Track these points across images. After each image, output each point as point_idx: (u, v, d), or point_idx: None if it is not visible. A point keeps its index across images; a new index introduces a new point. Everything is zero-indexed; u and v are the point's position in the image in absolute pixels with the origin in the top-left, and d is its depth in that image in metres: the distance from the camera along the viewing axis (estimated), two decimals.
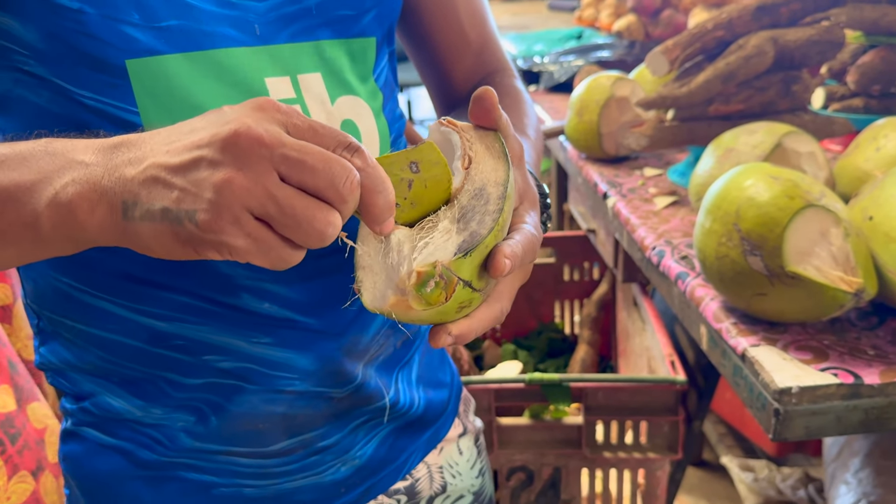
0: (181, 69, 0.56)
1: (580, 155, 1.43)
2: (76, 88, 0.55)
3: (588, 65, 1.92)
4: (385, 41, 0.69)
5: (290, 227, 0.42)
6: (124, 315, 0.61)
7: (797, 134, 0.95)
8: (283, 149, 0.41)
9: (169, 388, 0.64)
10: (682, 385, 1.16)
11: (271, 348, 0.63)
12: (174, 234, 0.42)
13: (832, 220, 0.73)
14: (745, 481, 1.80)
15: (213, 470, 0.66)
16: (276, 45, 0.61)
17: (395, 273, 0.47)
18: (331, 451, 0.69)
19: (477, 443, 0.84)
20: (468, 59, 0.81)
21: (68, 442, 0.69)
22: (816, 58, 1.11)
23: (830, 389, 0.70)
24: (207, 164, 0.41)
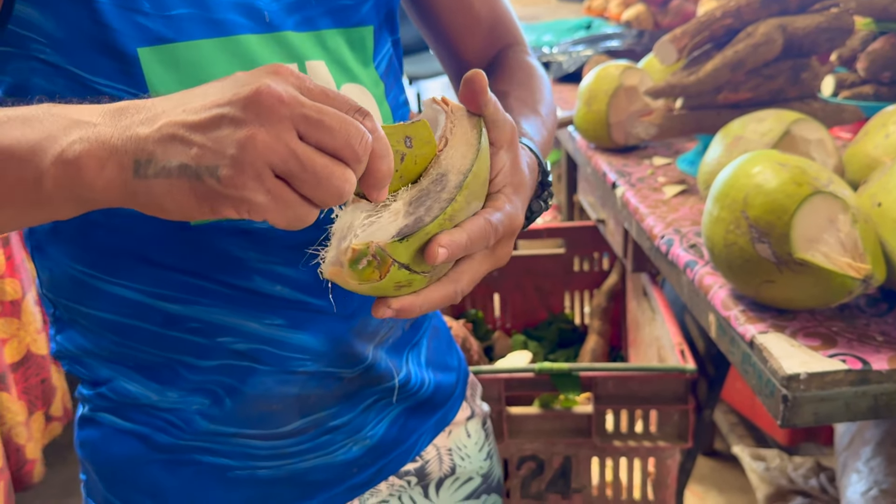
0: (192, 56, 0.58)
1: (589, 145, 1.43)
2: (91, 76, 0.56)
3: (597, 55, 1.91)
4: (385, 29, 0.70)
5: (310, 184, 0.42)
6: (139, 299, 0.62)
7: (806, 121, 0.95)
8: (303, 108, 0.42)
9: (184, 370, 0.64)
10: (691, 374, 1.16)
11: (284, 330, 0.64)
12: (192, 190, 0.42)
13: (840, 207, 0.73)
14: (756, 470, 1.80)
15: (227, 453, 0.67)
16: (283, 31, 0.62)
17: (335, 238, 0.48)
18: (342, 430, 0.69)
19: (484, 426, 0.85)
20: (478, 36, 0.81)
21: (85, 428, 0.70)
22: (826, 45, 1.11)
23: (839, 376, 0.70)
24: (229, 121, 0.42)
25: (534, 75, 0.77)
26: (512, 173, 0.55)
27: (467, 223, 0.50)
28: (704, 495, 1.98)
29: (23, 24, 0.55)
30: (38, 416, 2.08)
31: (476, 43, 0.81)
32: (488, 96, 0.52)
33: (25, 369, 2.03)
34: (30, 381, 2.05)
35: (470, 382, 0.87)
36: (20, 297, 1.99)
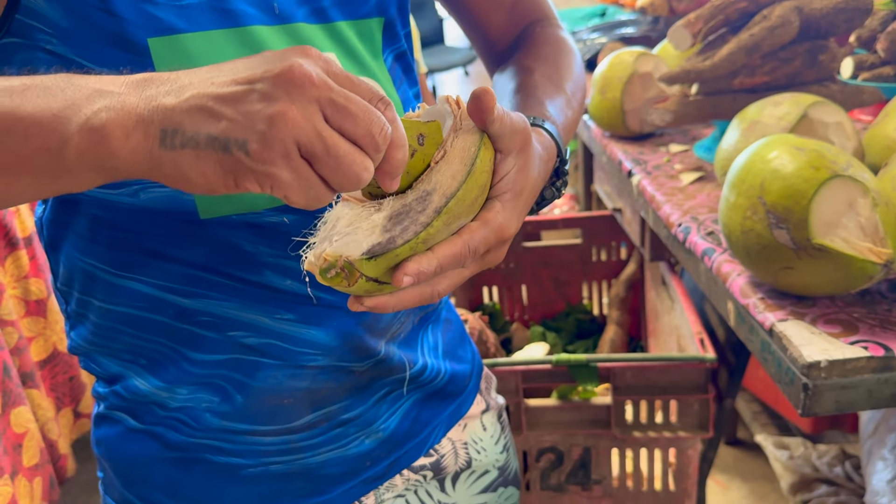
0: (202, 47, 0.57)
1: (604, 133, 1.41)
2: (99, 67, 0.55)
3: (611, 42, 1.89)
4: (397, 21, 0.69)
5: (331, 168, 0.43)
6: (150, 293, 0.62)
7: (823, 104, 0.93)
8: (332, 93, 0.42)
9: (193, 366, 0.64)
10: (711, 363, 1.15)
11: (294, 324, 0.64)
12: (219, 162, 0.42)
13: (859, 191, 0.71)
14: (780, 459, 1.78)
15: (239, 452, 0.67)
16: (294, 23, 0.61)
17: (318, 245, 0.49)
18: (354, 423, 0.69)
19: (500, 419, 0.84)
20: (502, 14, 0.80)
21: (101, 426, 0.70)
22: (844, 26, 1.09)
23: (861, 363, 0.68)
24: (260, 96, 0.42)
25: (562, 49, 0.76)
26: (516, 179, 0.54)
27: (440, 247, 0.50)
28: (728, 484, 1.97)
29: (29, 13, 0.54)
30: (66, 413, 2.10)
31: (500, 19, 0.80)
32: (494, 115, 0.51)
33: (52, 367, 2.05)
34: (57, 379, 2.07)
35: (484, 376, 0.86)
36: (45, 296, 2.01)
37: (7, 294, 1.89)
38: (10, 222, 1.89)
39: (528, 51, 0.75)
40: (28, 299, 1.97)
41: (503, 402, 0.87)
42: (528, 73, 0.70)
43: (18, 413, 1.84)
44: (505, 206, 0.53)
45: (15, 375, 1.82)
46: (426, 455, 0.76)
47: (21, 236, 1.92)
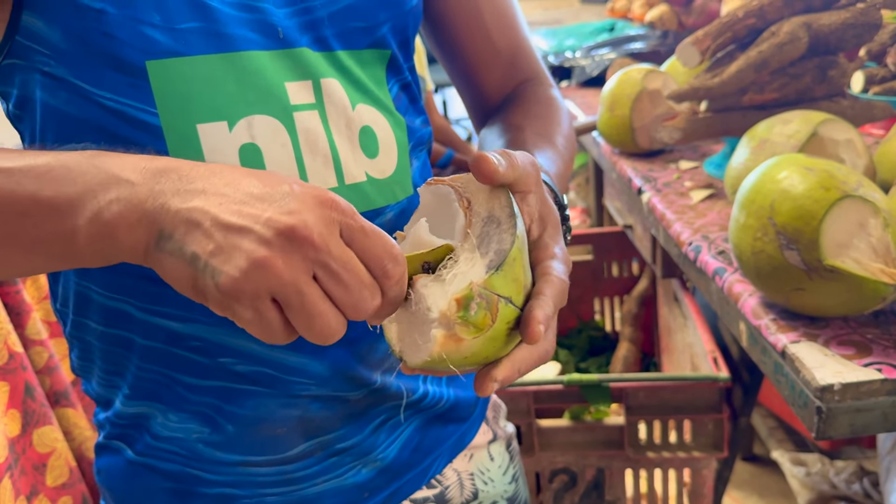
0: (200, 71, 0.57)
1: (613, 150, 1.41)
2: (96, 89, 0.56)
3: (620, 57, 1.89)
4: (399, 56, 0.69)
5: (302, 321, 0.43)
6: (142, 317, 0.62)
7: (833, 121, 0.92)
8: (328, 257, 0.43)
9: (185, 391, 0.64)
10: (725, 382, 1.14)
11: (285, 353, 0.63)
12: (192, 280, 0.43)
13: (870, 211, 0.70)
14: (797, 476, 1.76)
15: (233, 483, 0.66)
16: (298, 48, 0.61)
17: (431, 314, 0.47)
18: (350, 452, 0.68)
19: (509, 448, 0.83)
20: (498, 68, 0.80)
21: (102, 455, 0.70)
22: (853, 41, 1.08)
23: (875, 385, 0.67)
24: (255, 237, 0.42)
25: (553, 108, 0.77)
26: (543, 211, 0.54)
27: (545, 287, 0.50)
28: (745, 501, 1.95)
29: (29, 35, 0.55)
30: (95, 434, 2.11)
31: (495, 75, 0.80)
32: (501, 170, 0.50)
33: (79, 388, 2.06)
34: (85, 400, 2.08)
35: (492, 404, 0.85)
36: None
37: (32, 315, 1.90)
38: None
39: (519, 109, 0.75)
40: (50, 321, 1.99)
41: (513, 430, 0.86)
42: (519, 131, 0.70)
43: (42, 433, 1.84)
44: (553, 238, 0.53)
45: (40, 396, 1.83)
46: (429, 486, 0.75)
47: None
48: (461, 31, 0.79)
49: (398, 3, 0.68)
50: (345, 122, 0.63)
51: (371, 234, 0.45)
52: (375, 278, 0.45)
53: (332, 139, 0.62)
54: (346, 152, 0.63)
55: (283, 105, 0.60)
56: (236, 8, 0.59)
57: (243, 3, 0.59)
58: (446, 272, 0.48)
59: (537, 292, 0.49)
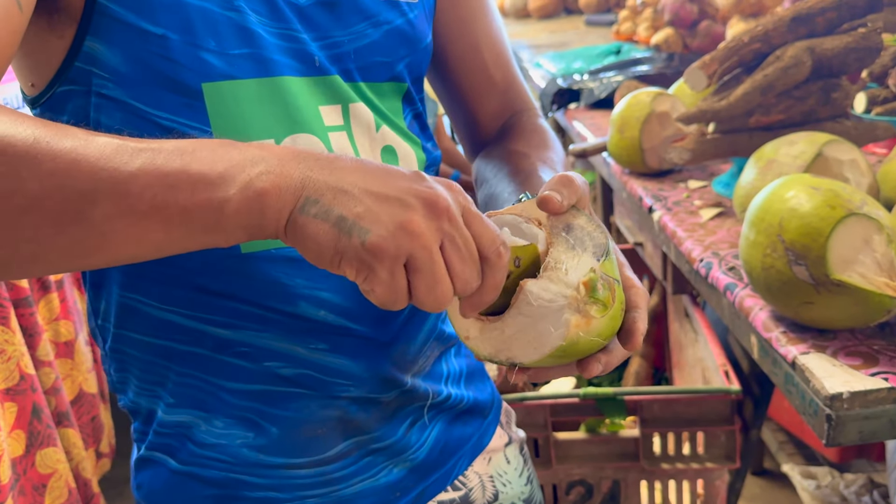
0: (249, 93, 0.62)
1: (623, 170, 1.45)
2: (153, 109, 0.60)
3: (628, 80, 1.94)
4: (413, 88, 0.75)
5: (427, 285, 0.48)
6: (190, 325, 0.66)
7: (838, 142, 0.96)
8: (458, 231, 0.48)
9: (230, 396, 0.67)
10: (736, 394, 1.17)
11: (327, 354, 0.67)
12: (335, 241, 0.47)
13: (875, 228, 0.74)
14: (807, 489, 1.79)
15: (275, 486, 0.69)
16: (330, 76, 0.67)
17: (555, 305, 0.52)
18: (384, 452, 0.72)
19: (522, 452, 0.87)
20: (494, 99, 0.85)
21: (142, 469, 0.73)
22: (855, 64, 1.12)
23: (882, 394, 0.71)
24: (401, 203, 0.47)
25: (547, 138, 0.82)
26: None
27: (639, 300, 0.57)
28: None
29: (88, 59, 0.59)
30: (90, 453, 2.14)
31: (491, 106, 0.85)
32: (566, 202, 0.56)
33: (79, 407, 2.09)
34: (83, 420, 2.11)
35: (504, 410, 0.89)
36: (73, 337, 2.06)
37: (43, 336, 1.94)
38: None
39: (520, 138, 0.80)
40: (58, 341, 2.02)
41: (524, 435, 0.90)
42: (525, 158, 0.75)
43: (45, 454, 1.87)
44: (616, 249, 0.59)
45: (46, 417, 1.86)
46: (454, 488, 0.79)
47: (53, 279, 1.98)
48: (460, 64, 0.84)
49: (415, 41, 0.74)
50: (369, 142, 0.69)
51: (486, 221, 0.50)
52: (485, 259, 0.50)
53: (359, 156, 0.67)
54: None
55: (319, 125, 0.66)
56: (278, 37, 0.64)
57: (284, 33, 0.64)
58: (553, 270, 0.53)
59: (634, 305, 0.56)
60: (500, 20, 0.88)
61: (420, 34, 0.74)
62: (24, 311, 1.86)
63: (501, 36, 0.86)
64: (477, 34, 0.83)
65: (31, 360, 1.84)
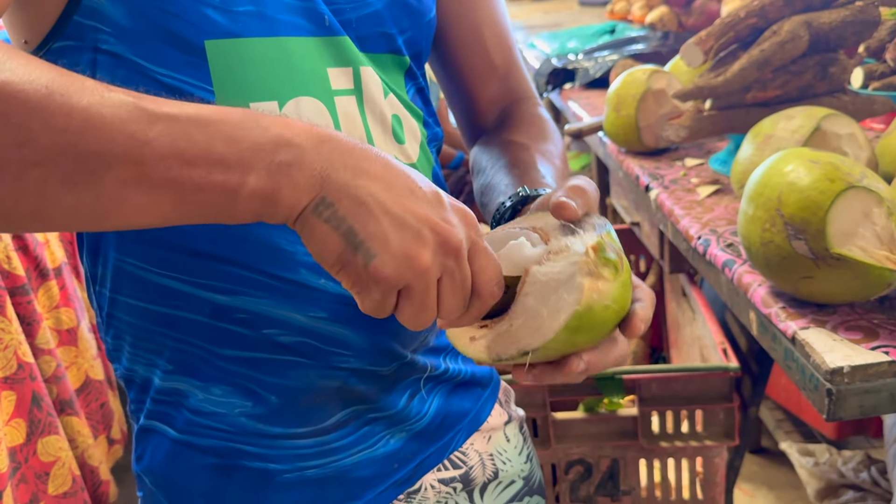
0: (253, 53, 0.61)
1: (620, 149, 1.44)
2: (154, 66, 0.58)
3: (623, 59, 1.93)
4: (414, 63, 0.74)
5: (411, 311, 0.49)
6: (188, 291, 0.65)
7: (836, 116, 0.95)
8: (459, 268, 0.49)
9: (227, 363, 0.67)
10: (735, 372, 1.17)
11: (327, 323, 0.66)
12: (340, 251, 0.47)
13: (874, 200, 0.73)
14: (805, 466, 1.79)
15: (274, 457, 0.69)
16: (341, 37, 0.65)
17: (566, 272, 0.51)
18: (381, 421, 0.72)
19: (522, 430, 0.87)
20: (494, 84, 0.84)
21: (142, 440, 0.72)
22: (852, 38, 1.11)
23: (882, 367, 0.70)
24: (415, 235, 0.47)
25: (546, 129, 0.81)
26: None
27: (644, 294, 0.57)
28: (754, 493, 1.98)
29: (90, 14, 0.57)
30: (101, 440, 2.14)
31: (491, 90, 0.84)
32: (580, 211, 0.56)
33: (86, 395, 2.09)
34: (91, 407, 2.11)
35: (503, 389, 0.89)
36: (75, 325, 2.05)
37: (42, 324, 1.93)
38: (41, 254, 1.94)
39: (518, 128, 0.80)
40: (60, 329, 2.02)
41: (523, 413, 0.90)
42: (524, 149, 0.75)
43: (47, 442, 1.88)
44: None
45: (47, 406, 1.86)
46: (455, 467, 0.79)
47: (51, 267, 1.97)
48: (460, 46, 0.83)
49: (418, 15, 0.72)
50: (378, 108, 0.68)
51: (490, 256, 0.51)
52: (476, 295, 0.51)
53: (367, 124, 0.67)
54: (379, 137, 0.68)
55: (326, 89, 0.64)
56: None
57: None
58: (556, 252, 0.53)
59: (637, 297, 0.56)
60: (503, 5, 0.86)
61: (424, 7, 0.73)
62: (20, 300, 1.86)
63: (504, 20, 0.85)
64: (479, 16, 0.82)
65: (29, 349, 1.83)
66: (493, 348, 0.54)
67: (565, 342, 0.52)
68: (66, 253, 2.08)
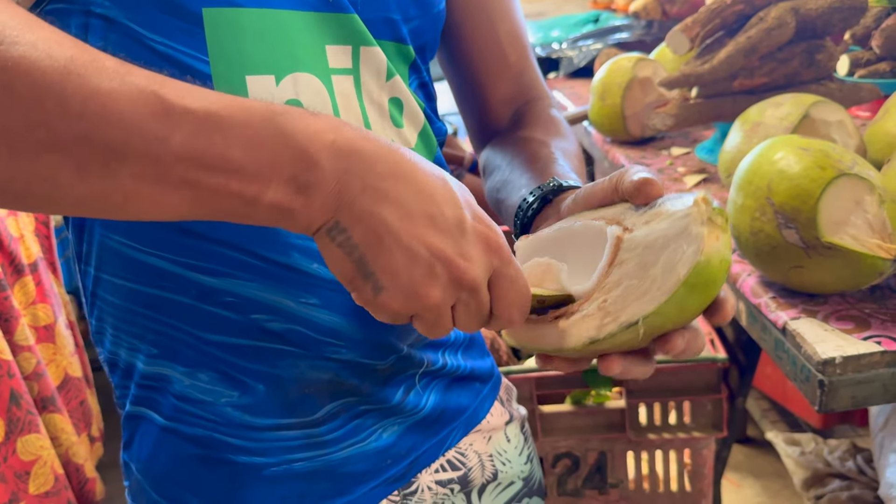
0: (251, 24, 0.58)
1: (605, 139, 1.42)
2: (148, 32, 0.56)
3: (607, 48, 1.91)
4: (419, 58, 0.71)
5: (424, 328, 0.49)
6: (175, 271, 0.62)
7: (824, 103, 0.94)
8: (475, 299, 0.49)
9: (214, 349, 0.64)
10: (723, 363, 1.16)
11: (318, 310, 0.64)
12: (351, 275, 0.47)
13: (866, 188, 0.72)
14: (791, 456, 1.79)
15: (261, 450, 0.67)
16: (346, 14, 0.63)
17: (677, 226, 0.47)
18: (373, 413, 0.70)
19: (523, 430, 0.85)
20: (507, 82, 0.81)
21: (130, 426, 0.70)
22: (839, 25, 1.10)
23: (875, 358, 0.69)
24: (427, 271, 0.46)
25: (563, 128, 0.78)
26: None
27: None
28: (741, 482, 1.98)
29: None
30: (84, 438, 2.11)
31: (504, 88, 0.81)
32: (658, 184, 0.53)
33: (66, 392, 2.06)
34: (71, 404, 2.08)
35: (505, 386, 0.86)
36: (53, 321, 2.02)
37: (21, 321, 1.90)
38: (16, 249, 1.90)
39: (538, 126, 0.77)
40: (37, 325, 1.98)
41: (525, 412, 0.87)
42: (543, 145, 0.72)
43: (27, 441, 1.84)
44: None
45: (26, 403, 1.83)
46: (454, 468, 0.76)
47: (27, 262, 1.93)
48: (474, 41, 0.80)
49: (427, 4, 0.70)
50: (377, 90, 0.65)
51: (514, 282, 0.50)
52: (495, 318, 0.50)
53: (363, 105, 0.64)
54: (376, 119, 0.65)
55: (323, 66, 0.62)
56: None
57: None
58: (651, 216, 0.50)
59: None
60: (518, 1, 0.83)
61: None
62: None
63: (519, 17, 0.82)
64: (495, 11, 0.79)
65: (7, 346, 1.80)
66: (586, 328, 0.49)
67: (677, 306, 0.47)
68: (42, 248, 2.04)
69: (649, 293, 0.47)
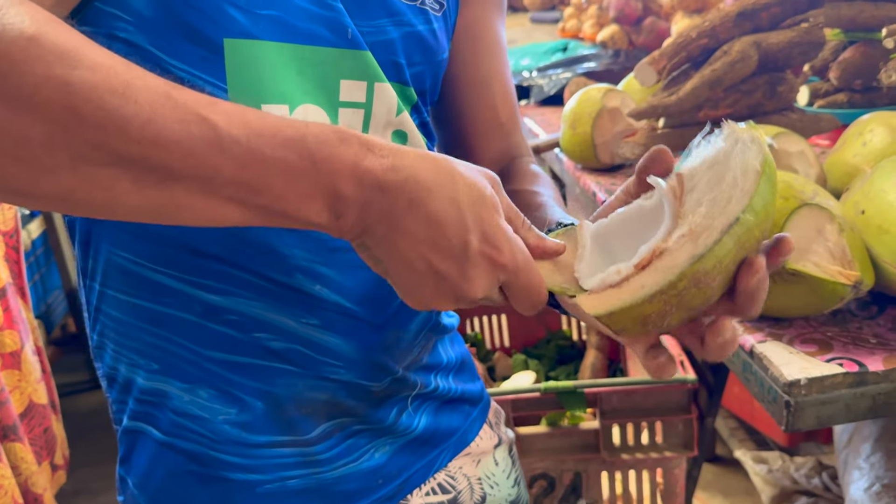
0: (271, 56, 0.61)
1: (576, 166, 1.46)
2: (170, 58, 0.58)
3: (576, 76, 1.96)
4: (420, 100, 0.73)
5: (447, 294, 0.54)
6: (180, 288, 0.64)
7: (786, 134, 0.98)
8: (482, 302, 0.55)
9: (215, 367, 0.66)
10: (693, 384, 1.19)
11: (319, 331, 0.66)
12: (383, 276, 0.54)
13: (826, 217, 0.76)
14: (759, 473, 1.83)
15: (256, 467, 0.68)
16: (362, 51, 0.65)
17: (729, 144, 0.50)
18: (366, 433, 0.72)
19: (511, 453, 0.87)
20: (497, 140, 0.82)
21: (126, 441, 0.71)
22: (799, 58, 1.15)
23: (837, 379, 0.73)
24: (436, 289, 0.53)
25: (547, 180, 0.81)
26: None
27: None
28: (710, 501, 2.01)
29: (111, 1, 0.57)
30: (45, 466, 2.08)
31: (494, 146, 0.82)
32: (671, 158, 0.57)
33: (30, 419, 2.03)
34: (35, 432, 2.05)
35: (494, 410, 0.89)
36: (19, 347, 2.00)
37: None
38: None
39: (523, 179, 0.79)
40: (3, 352, 1.96)
41: (513, 435, 0.89)
42: (534, 195, 0.74)
43: None
44: None
45: None
46: (444, 491, 0.78)
47: None
48: (469, 95, 0.81)
49: (432, 52, 0.72)
50: (384, 124, 0.68)
51: (522, 288, 0.54)
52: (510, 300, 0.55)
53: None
54: None
55: (332, 99, 0.64)
56: (312, 3, 0.62)
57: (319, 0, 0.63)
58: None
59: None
60: (508, 59, 0.85)
61: (439, 46, 0.73)
62: None
63: (510, 76, 0.84)
64: (492, 68, 0.81)
65: None
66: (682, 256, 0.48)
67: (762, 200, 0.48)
68: (12, 273, 2.02)
69: (734, 197, 0.47)
